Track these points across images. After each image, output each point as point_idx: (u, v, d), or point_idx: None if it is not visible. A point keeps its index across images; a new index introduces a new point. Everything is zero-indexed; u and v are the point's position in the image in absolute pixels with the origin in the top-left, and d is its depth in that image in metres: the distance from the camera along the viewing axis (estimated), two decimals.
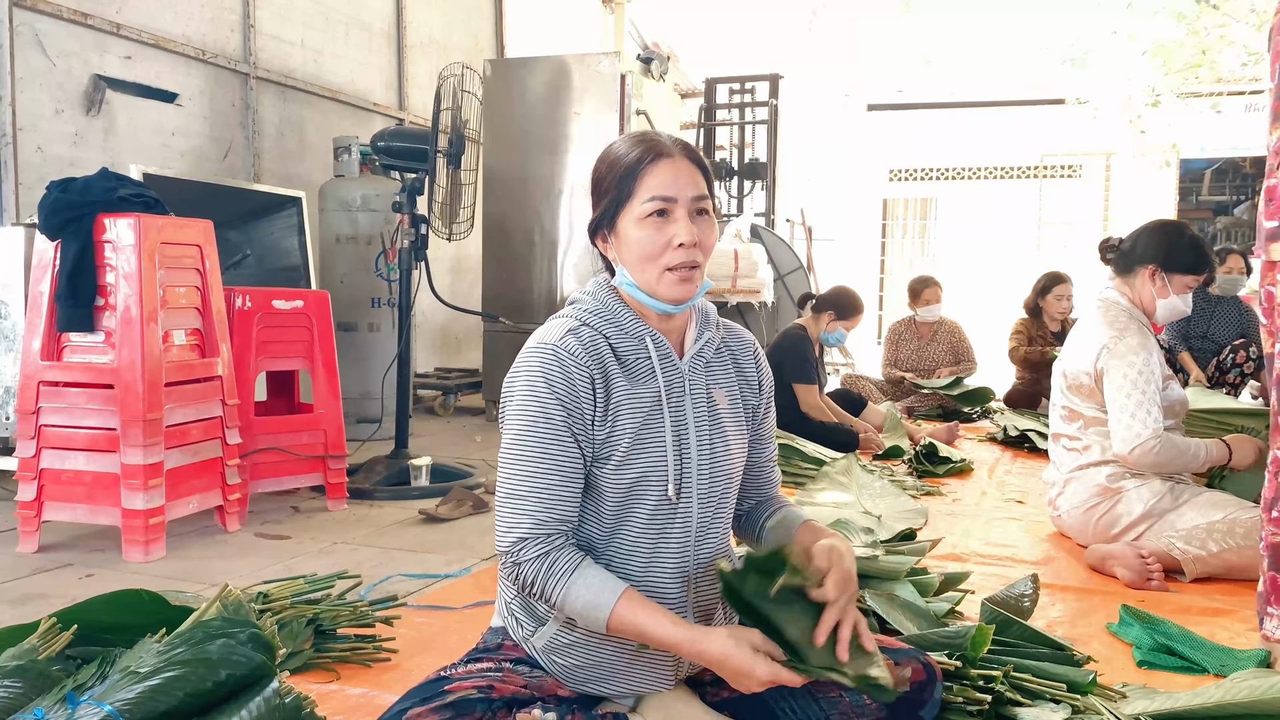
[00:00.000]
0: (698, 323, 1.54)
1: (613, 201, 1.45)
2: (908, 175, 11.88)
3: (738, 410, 1.55)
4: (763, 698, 1.53)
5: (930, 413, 5.94)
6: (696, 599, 1.48)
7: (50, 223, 2.85)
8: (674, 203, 1.41)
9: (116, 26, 4.53)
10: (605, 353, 1.44)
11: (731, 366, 1.57)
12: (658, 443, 1.44)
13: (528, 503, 1.37)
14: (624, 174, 1.43)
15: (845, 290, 4.95)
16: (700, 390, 1.50)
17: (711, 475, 1.48)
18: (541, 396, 1.38)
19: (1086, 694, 1.72)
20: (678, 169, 1.43)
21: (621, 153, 1.46)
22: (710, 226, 1.46)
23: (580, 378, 1.40)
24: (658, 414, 1.45)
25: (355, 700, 1.84)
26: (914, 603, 2.12)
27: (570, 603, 1.34)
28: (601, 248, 1.51)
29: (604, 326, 1.46)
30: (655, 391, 1.45)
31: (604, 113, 5.37)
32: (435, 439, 5.14)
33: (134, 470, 2.79)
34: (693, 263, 1.42)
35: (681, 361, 1.49)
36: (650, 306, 1.46)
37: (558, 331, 1.44)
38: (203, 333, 3.10)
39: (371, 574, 2.67)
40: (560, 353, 1.40)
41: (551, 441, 1.38)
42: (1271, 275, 1.98)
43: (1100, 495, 2.90)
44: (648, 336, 1.47)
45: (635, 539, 1.44)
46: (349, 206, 5.10)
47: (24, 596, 2.49)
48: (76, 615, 1.68)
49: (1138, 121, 10.28)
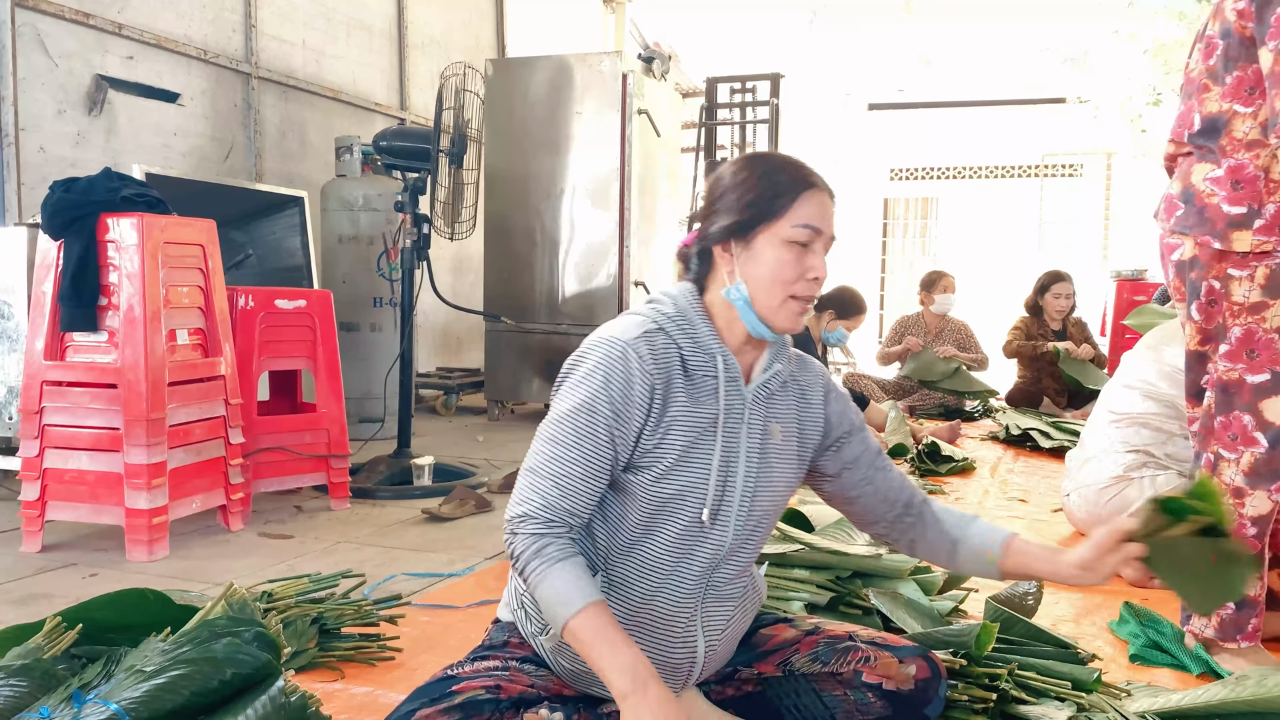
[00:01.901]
0: (771, 352, 1.50)
1: (757, 215, 1.40)
2: (909, 175, 11.88)
3: (791, 447, 1.51)
4: (767, 696, 1.53)
5: (932, 412, 5.94)
6: (707, 621, 1.46)
7: (53, 223, 2.86)
8: (819, 235, 1.40)
9: (118, 27, 4.54)
10: (675, 363, 1.41)
11: (795, 401, 1.53)
12: (704, 464, 1.41)
13: (544, 484, 1.35)
14: (779, 192, 1.40)
15: (847, 289, 4.95)
16: (758, 420, 1.46)
17: (750, 507, 1.45)
18: (594, 389, 1.36)
19: (1091, 692, 1.72)
20: (825, 204, 1.42)
21: (777, 168, 1.43)
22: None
23: (641, 383, 1.37)
24: (710, 435, 1.41)
25: (360, 699, 1.84)
26: (918, 601, 2.12)
27: (543, 589, 1.30)
28: (719, 256, 1.44)
29: (679, 335, 1.43)
30: (714, 413, 1.42)
31: (605, 112, 5.38)
32: (437, 438, 5.14)
33: (137, 470, 2.79)
34: (813, 297, 1.42)
35: (747, 387, 1.46)
36: (751, 329, 1.43)
37: (634, 330, 1.40)
38: (206, 332, 3.10)
39: (375, 573, 2.67)
40: (629, 353, 1.37)
41: (586, 435, 1.35)
42: (1220, 266, 1.91)
43: (1115, 479, 2.94)
44: (720, 356, 1.43)
45: (658, 554, 1.42)
46: (351, 206, 5.10)
47: (28, 596, 2.49)
48: (81, 614, 1.68)
49: (1139, 121, 10.28)
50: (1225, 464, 1.94)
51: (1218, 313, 1.94)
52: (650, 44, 10.10)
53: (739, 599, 1.51)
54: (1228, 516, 1.42)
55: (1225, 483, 1.94)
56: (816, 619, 1.64)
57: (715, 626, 1.47)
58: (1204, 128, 1.94)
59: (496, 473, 4.06)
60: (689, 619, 1.44)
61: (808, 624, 1.59)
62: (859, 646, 1.49)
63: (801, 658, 1.51)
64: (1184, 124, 1.99)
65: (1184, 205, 1.97)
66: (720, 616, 1.48)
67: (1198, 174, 1.95)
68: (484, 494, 3.60)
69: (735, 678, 1.55)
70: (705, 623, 1.46)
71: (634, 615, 1.43)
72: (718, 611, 1.47)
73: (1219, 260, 1.91)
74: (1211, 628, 1.99)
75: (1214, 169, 1.92)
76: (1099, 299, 7.47)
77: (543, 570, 1.31)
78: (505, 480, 3.83)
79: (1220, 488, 1.88)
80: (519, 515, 1.35)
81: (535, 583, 1.32)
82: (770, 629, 1.59)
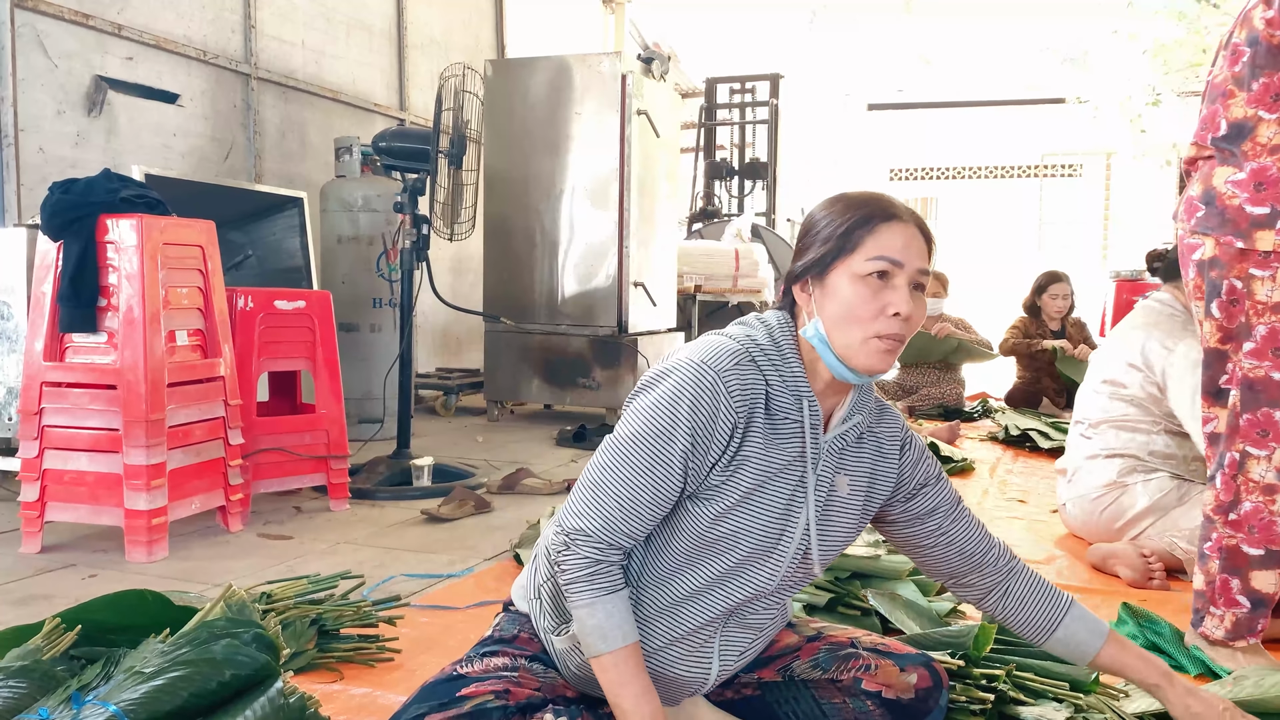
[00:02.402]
0: (853, 401, 1.44)
1: (831, 250, 1.35)
2: (908, 174, 11.89)
3: (858, 501, 1.46)
4: (766, 701, 1.53)
5: (931, 412, 5.94)
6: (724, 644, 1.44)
7: (53, 224, 2.86)
8: (900, 268, 1.33)
9: (118, 27, 4.54)
10: (759, 400, 1.36)
11: (870, 455, 1.47)
12: (767, 506, 1.37)
13: (609, 503, 1.32)
14: (852, 225, 1.34)
15: None
16: (828, 471, 1.42)
17: (802, 557, 1.42)
18: (678, 416, 1.31)
19: (1089, 693, 1.72)
20: (909, 235, 1.34)
21: (850, 204, 1.37)
22: (923, 304, 1.36)
23: (725, 417, 1.32)
24: (779, 480, 1.37)
25: (359, 700, 1.84)
26: (916, 602, 2.13)
27: (584, 614, 1.31)
28: (799, 296, 1.40)
29: (769, 369, 1.37)
30: (789, 456, 1.38)
31: (605, 113, 5.38)
32: (437, 439, 5.14)
33: (137, 471, 2.79)
34: (902, 336, 1.34)
35: (824, 436, 1.41)
36: (833, 370, 1.37)
37: (727, 359, 1.34)
38: (205, 333, 3.10)
39: (374, 574, 2.67)
40: (720, 385, 1.32)
41: (660, 462, 1.31)
42: (1242, 266, 1.95)
43: (1109, 487, 2.93)
44: (805, 401, 1.38)
45: (693, 588, 1.39)
46: (350, 207, 5.10)
47: (27, 597, 2.49)
48: (80, 615, 1.68)
49: (1138, 121, 10.30)
50: (1254, 461, 1.96)
51: (1240, 311, 1.97)
52: (650, 44, 10.11)
53: (766, 628, 1.50)
54: None
55: (1255, 480, 1.95)
56: (820, 623, 1.63)
57: (733, 651, 1.46)
58: (1229, 133, 1.97)
59: (496, 473, 4.07)
60: (706, 641, 1.43)
61: (810, 629, 1.58)
62: (860, 654, 1.48)
63: (802, 664, 1.50)
64: (1208, 128, 2.03)
65: (1205, 207, 2.01)
66: (741, 642, 1.46)
67: (1219, 177, 1.99)
68: (483, 495, 3.60)
69: (735, 681, 1.55)
70: (723, 647, 1.44)
71: (655, 634, 1.41)
72: (739, 638, 1.46)
73: (1240, 260, 1.95)
74: (1224, 629, 2.00)
75: (1236, 172, 1.96)
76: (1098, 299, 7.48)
77: (591, 597, 1.31)
78: (505, 481, 3.83)
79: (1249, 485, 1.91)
80: (578, 529, 1.32)
81: (578, 604, 1.32)
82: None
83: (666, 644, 1.41)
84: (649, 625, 1.40)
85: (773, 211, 7.84)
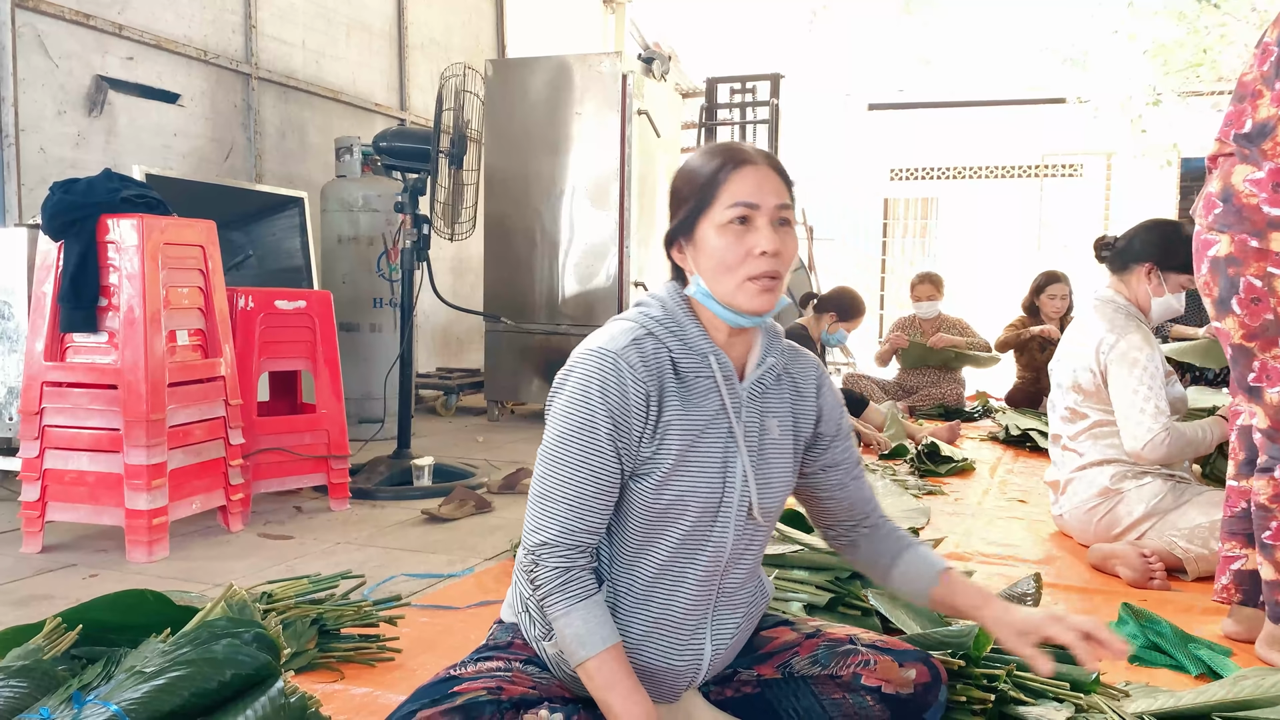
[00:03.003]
0: (763, 345, 1.49)
1: (692, 208, 1.40)
2: (909, 175, 11.88)
3: (788, 441, 1.50)
4: (766, 698, 1.53)
5: (932, 412, 5.94)
6: (716, 628, 1.47)
7: (53, 224, 2.86)
8: (757, 209, 1.37)
9: (118, 27, 4.54)
10: (666, 367, 1.40)
11: (790, 394, 1.52)
12: (703, 465, 1.40)
13: (559, 508, 1.35)
14: (706, 180, 1.39)
15: (847, 291, 4.96)
16: (754, 416, 1.45)
17: (754, 503, 1.44)
18: (592, 404, 1.35)
19: (1090, 693, 1.72)
20: (761, 176, 1.39)
21: (703, 161, 1.42)
22: (792, 237, 1.41)
23: (636, 392, 1.36)
24: (708, 437, 1.41)
25: (359, 700, 1.84)
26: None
27: (564, 626, 1.33)
28: (677, 258, 1.46)
29: (669, 338, 1.42)
30: (710, 413, 1.41)
31: (605, 113, 5.38)
32: (437, 439, 5.14)
33: (137, 471, 2.79)
34: (774, 272, 1.38)
35: (741, 385, 1.45)
36: (724, 319, 1.42)
37: (622, 339, 1.39)
38: (206, 333, 3.10)
39: (374, 574, 2.67)
40: (620, 363, 1.36)
41: (592, 452, 1.35)
42: (1260, 265, 1.95)
43: (1102, 496, 2.90)
44: (712, 355, 1.42)
45: (663, 562, 1.41)
46: (350, 207, 5.10)
47: (28, 597, 2.49)
48: (81, 615, 1.68)
49: (1139, 121, 10.28)
50: None
51: (1264, 309, 1.97)
52: (650, 44, 10.11)
53: (748, 604, 1.52)
54: None
55: None
56: (818, 621, 1.63)
57: (724, 633, 1.48)
58: (1252, 132, 1.98)
59: (496, 473, 4.07)
60: (698, 625, 1.45)
61: (808, 627, 1.59)
62: (859, 650, 1.49)
63: (801, 660, 1.51)
64: (1232, 124, 2.04)
65: (1222, 204, 2.02)
66: (730, 623, 1.48)
67: (1238, 175, 2.00)
68: (484, 494, 3.60)
69: (735, 679, 1.55)
70: (715, 630, 1.46)
71: (641, 624, 1.42)
72: (728, 618, 1.48)
73: (1258, 259, 1.96)
74: None
75: (1255, 171, 1.97)
76: None
77: (566, 607, 1.33)
78: (505, 481, 3.83)
79: None
80: (539, 543, 1.35)
81: (555, 617, 1.34)
82: (771, 631, 1.59)
83: (652, 632, 1.42)
84: (631, 617, 1.42)
85: None
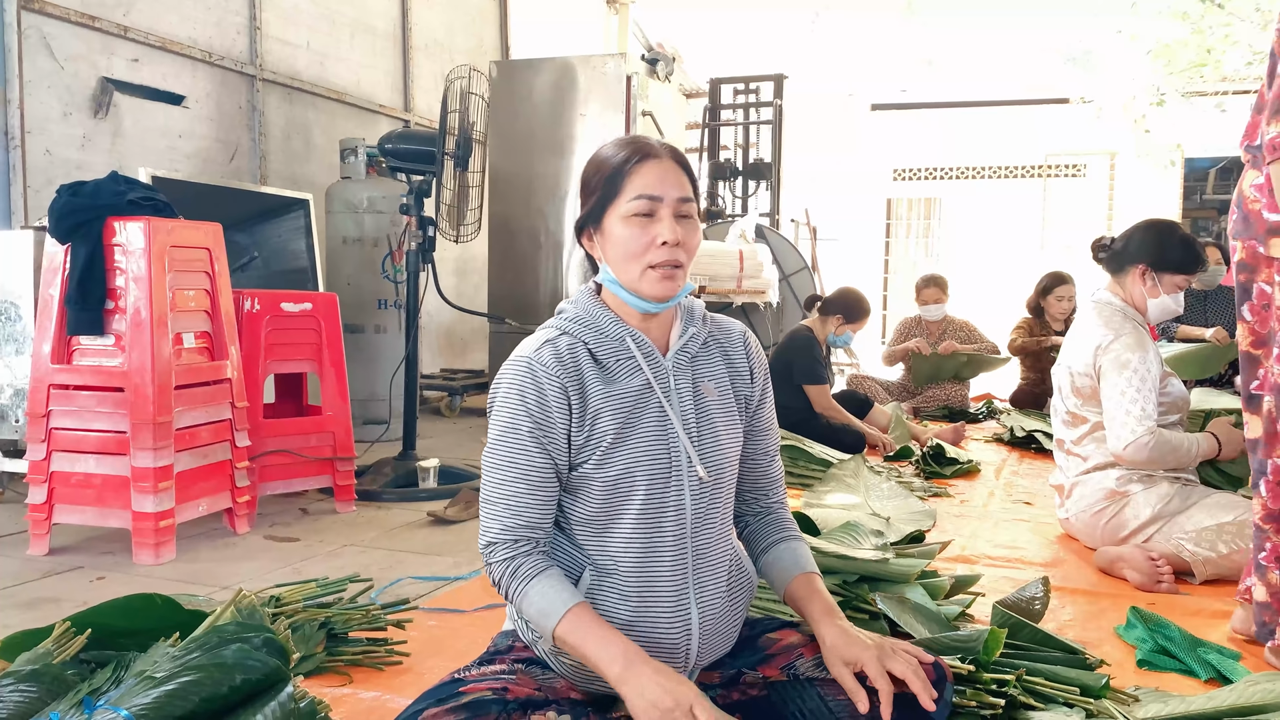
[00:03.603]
0: (683, 319, 1.56)
1: (600, 200, 1.48)
2: (912, 175, 11.87)
3: (728, 401, 1.57)
4: (772, 701, 1.53)
5: (936, 413, 5.93)
6: (699, 593, 1.49)
7: (60, 226, 2.86)
8: (659, 202, 1.45)
9: (124, 29, 4.55)
10: (583, 359, 1.48)
11: (720, 359, 1.59)
12: (642, 437, 1.46)
13: (498, 509, 1.43)
14: (612, 173, 1.47)
15: (852, 292, 4.95)
16: (686, 384, 1.52)
17: (701, 463, 1.50)
18: (513, 408, 1.44)
19: (1099, 697, 1.72)
20: (664, 169, 1.46)
21: (609, 153, 1.50)
22: (694, 229, 1.49)
23: (552, 389, 1.44)
24: (641, 409, 1.47)
25: (368, 703, 1.84)
26: (925, 605, 2.12)
27: (526, 606, 1.39)
28: (587, 246, 1.54)
29: (583, 333, 1.50)
30: (636, 388, 1.48)
31: (609, 114, 5.38)
32: (442, 440, 5.14)
33: (144, 473, 2.79)
34: (675, 261, 1.46)
35: (665, 358, 1.52)
36: (632, 305, 1.50)
37: (534, 344, 1.48)
38: (212, 335, 3.10)
39: (381, 576, 2.67)
40: (534, 365, 1.45)
41: (519, 452, 1.43)
42: (1269, 271, 1.95)
43: (1108, 499, 2.90)
44: (628, 336, 1.50)
45: (630, 534, 1.46)
46: (355, 208, 5.10)
47: (36, 600, 2.50)
48: (90, 619, 1.69)
49: (1142, 121, 10.28)
50: None
51: (1270, 316, 1.97)
52: (654, 45, 10.10)
53: (729, 572, 1.54)
54: None
55: None
56: None
57: (710, 600, 1.50)
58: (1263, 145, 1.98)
59: None
60: (680, 592, 1.47)
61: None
62: None
63: (806, 662, 1.51)
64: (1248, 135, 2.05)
65: (1236, 210, 2.05)
66: (712, 588, 1.50)
67: (1246, 180, 2.02)
68: None
69: (740, 682, 1.55)
70: (699, 595, 1.49)
71: (628, 600, 1.46)
72: (709, 583, 1.50)
73: (1266, 264, 1.96)
74: None
75: (1258, 176, 1.98)
76: None
77: (521, 589, 1.40)
78: None
79: None
80: (488, 544, 1.44)
81: (518, 603, 1.41)
82: (775, 634, 1.59)
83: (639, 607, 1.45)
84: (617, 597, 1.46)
85: (776, 212, 7.83)
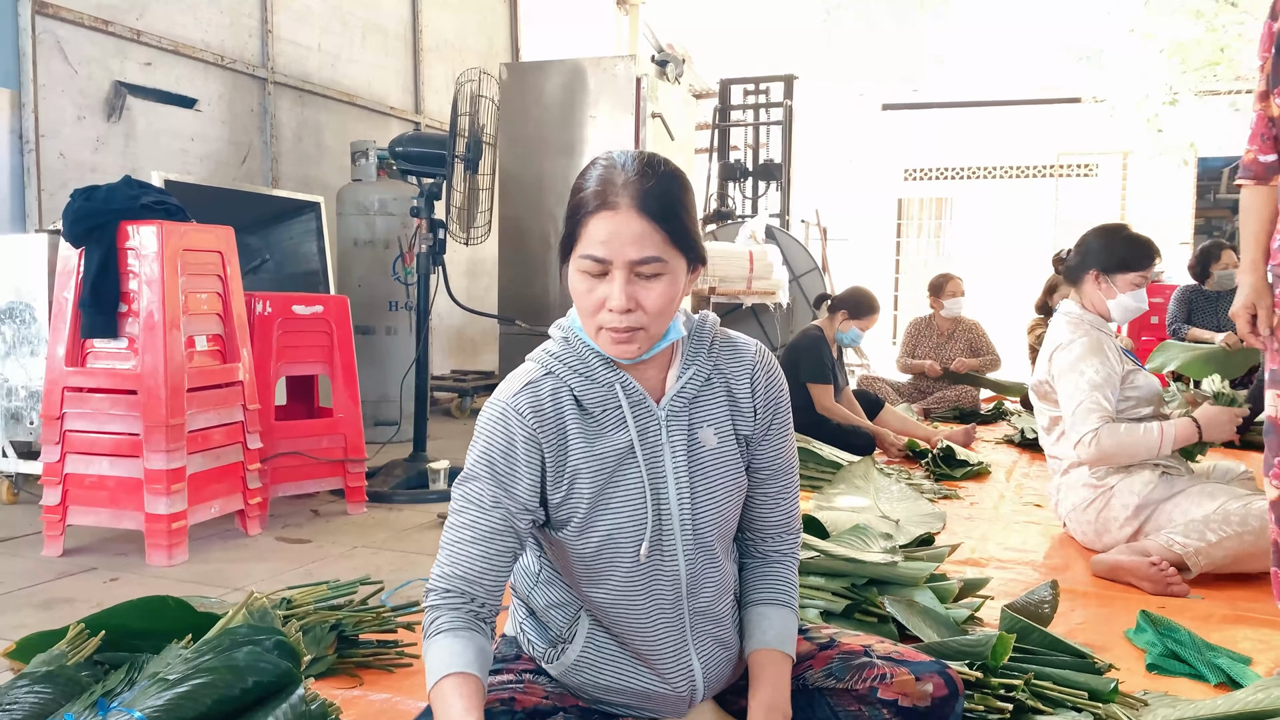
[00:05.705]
0: (683, 356, 1.39)
1: (565, 238, 1.32)
2: (923, 175, 11.84)
3: (729, 445, 1.41)
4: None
5: (947, 414, 5.92)
6: (699, 646, 1.44)
7: (74, 230, 2.89)
8: (609, 265, 1.25)
9: (137, 33, 4.58)
10: (566, 407, 1.34)
11: (723, 396, 1.42)
12: (627, 500, 1.34)
13: (443, 554, 1.33)
14: (573, 211, 1.29)
15: (860, 290, 4.94)
16: (680, 434, 1.37)
17: (695, 526, 1.38)
18: (476, 456, 1.33)
19: (1109, 702, 1.71)
20: (619, 225, 1.24)
21: (583, 183, 1.30)
22: (660, 287, 1.27)
23: (524, 443, 1.31)
24: (626, 469, 1.34)
25: (378, 705, 1.86)
26: (934, 609, 2.12)
27: (426, 659, 1.27)
28: (564, 276, 1.35)
29: (569, 375, 1.35)
30: (623, 447, 1.34)
31: (619, 115, 5.39)
32: (452, 441, 5.16)
33: (157, 475, 2.81)
34: (626, 327, 1.27)
35: (659, 406, 1.37)
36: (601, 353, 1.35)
37: (516, 384, 1.35)
38: (224, 338, 3.12)
39: (392, 578, 2.68)
40: (508, 414, 1.32)
41: (472, 503, 1.31)
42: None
43: (1091, 493, 2.94)
44: (617, 384, 1.35)
45: (621, 594, 1.37)
46: (366, 210, 5.12)
47: (50, 600, 2.52)
48: (104, 621, 1.70)
49: (1155, 120, 10.22)
50: None
51: None
52: (664, 46, 10.10)
53: (730, 619, 1.49)
54: None
55: None
56: (832, 630, 1.61)
57: (709, 652, 1.45)
58: None
59: None
60: (680, 648, 1.42)
61: (823, 636, 1.56)
62: (875, 663, 1.47)
63: (816, 673, 1.49)
64: None
65: None
66: (712, 642, 1.45)
67: None
68: None
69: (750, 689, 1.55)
70: (699, 650, 1.44)
71: (626, 651, 1.42)
72: (710, 636, 1.45)
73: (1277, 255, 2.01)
74: None
75: None
76: None
77: (426, 643, 1.28)
78: None
79: None
80: (428, 588, 1.33)
81: (424, 654, 1.28)
82: None
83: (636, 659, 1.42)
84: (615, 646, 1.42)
85: (787, 213, 7.82)
